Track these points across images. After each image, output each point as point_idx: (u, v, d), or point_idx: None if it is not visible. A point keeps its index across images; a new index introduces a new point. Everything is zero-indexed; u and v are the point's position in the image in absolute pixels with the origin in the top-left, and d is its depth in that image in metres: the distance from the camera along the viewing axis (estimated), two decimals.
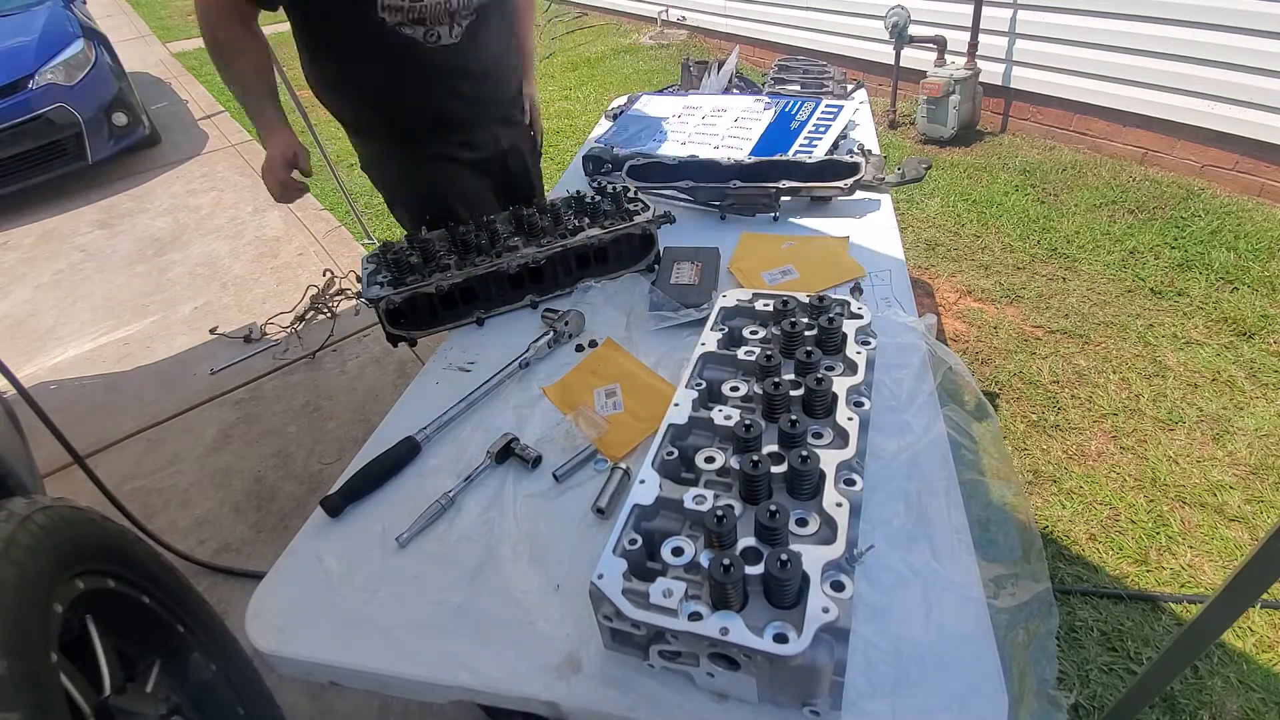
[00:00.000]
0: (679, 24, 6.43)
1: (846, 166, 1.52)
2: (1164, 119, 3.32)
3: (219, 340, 2.96)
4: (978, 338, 2.47)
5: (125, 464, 2.37)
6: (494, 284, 1.27)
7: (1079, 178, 3.41)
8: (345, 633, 0.79)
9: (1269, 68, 2.88)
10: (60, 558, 0.90)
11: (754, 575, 0.65)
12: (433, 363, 1.21)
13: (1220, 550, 1.70)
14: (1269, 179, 3.05)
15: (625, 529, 0.72)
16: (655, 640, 0.66)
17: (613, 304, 1.29)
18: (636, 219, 1.30)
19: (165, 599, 1.11)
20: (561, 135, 4.60)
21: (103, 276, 3.59)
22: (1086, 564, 1.70)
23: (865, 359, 0.91)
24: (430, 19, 1.35)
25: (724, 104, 2.01)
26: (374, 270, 1.26)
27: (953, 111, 3.77)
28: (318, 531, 0.92)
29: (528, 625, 0.78)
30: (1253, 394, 2.10)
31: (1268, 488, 1.82)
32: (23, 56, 4.27)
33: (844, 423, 0.81)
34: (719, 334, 0.99)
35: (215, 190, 4.41)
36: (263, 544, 2.02)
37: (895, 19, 3.79)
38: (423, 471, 0.99)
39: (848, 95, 2.09)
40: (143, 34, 9.05)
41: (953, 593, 0.75)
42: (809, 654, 0.59)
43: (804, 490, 0.74)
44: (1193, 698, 1.42)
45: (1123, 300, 2.55)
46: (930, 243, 3.04)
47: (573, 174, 1.86)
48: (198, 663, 1.14)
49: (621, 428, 1.01)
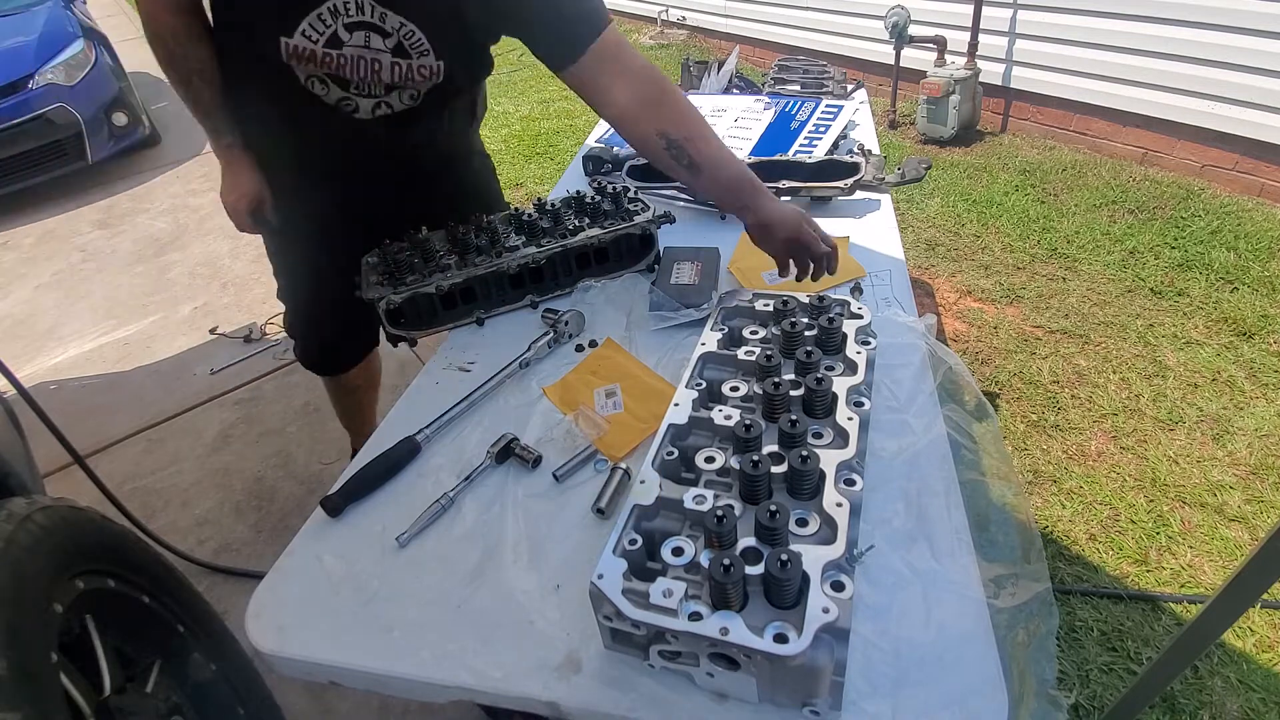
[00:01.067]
0: (679, 24, 6.43)
1: (846, 166, 1.52)
2: (1164, 119, 3.32)
3: (219, 340, 2.96)
4: (978, 338, 2.47)
5: (125, 464, 2.37)
6: (494, 284, 1.27)
7: (1079, 178, 3.41)
8: (345, 633, 0.79)
9: (1269, 68, 2.88)
10: (60, 558, 0.90)
11: (754, 575, 0.65)
12: (433, 363, 1.21)
13: (1220, 550, 1.70)
14: (1269, 179, 3.05)
15: (625, 529, 0.72)
16: (655, 640, 0.66)
17: (613, 304, 1.29)
18: (636, 219, 1.30)
19: (165, 599, 1.11)
20: (561, 135, 4.60)
21: (103, 276, 3.59)
22: (1086, 564, 1.70)
23: (865, 359, 0.91)
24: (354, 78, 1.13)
25: (724, 104, 2.01)
26: (373, 270, 1.26)
27: (953, 111, 3.77)
28: (318, 531, 0.92)
29: (528, 625, 0.78)
30: (1253, 394, 2.10)
31: (1268, 488, 1.82)
32: (23, 56, 4.27)
33: (844, 423, 0.81)
34: (719, 334, 0.99)
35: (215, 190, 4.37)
36: (263, 544, 2.02)
37: (895, 19, 3.79)
38: (423, 471, 0.99)
39: (848, 95, 2.09)
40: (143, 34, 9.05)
41: (953, 593, 0.75)
42: (809, 654, 0.59)
43: (804, 490, 0.74)
44: (1193, 698, 1.42)
45: (1123, 300, 2.56)
46: (930, 243, 3.04)
47: (573, 174, 1.86)
48: (198, 663, 1.14)
49: (621, 428, 1.01)
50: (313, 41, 1.08)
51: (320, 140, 1.25)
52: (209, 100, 1.24)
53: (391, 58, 1.13)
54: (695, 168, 1.11)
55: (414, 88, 1.18)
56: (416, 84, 1.17)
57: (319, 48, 1.09)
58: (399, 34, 1.11)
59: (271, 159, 1.33)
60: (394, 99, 1.19)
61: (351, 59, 1.11)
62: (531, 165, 4.27)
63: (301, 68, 1.12)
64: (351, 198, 1.36)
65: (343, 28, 1.08)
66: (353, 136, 1.22)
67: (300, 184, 1.35)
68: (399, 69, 1.14)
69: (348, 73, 1.12)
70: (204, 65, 1.20)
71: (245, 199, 1.33)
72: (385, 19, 1.09)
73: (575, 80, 1.12)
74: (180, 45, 1.18)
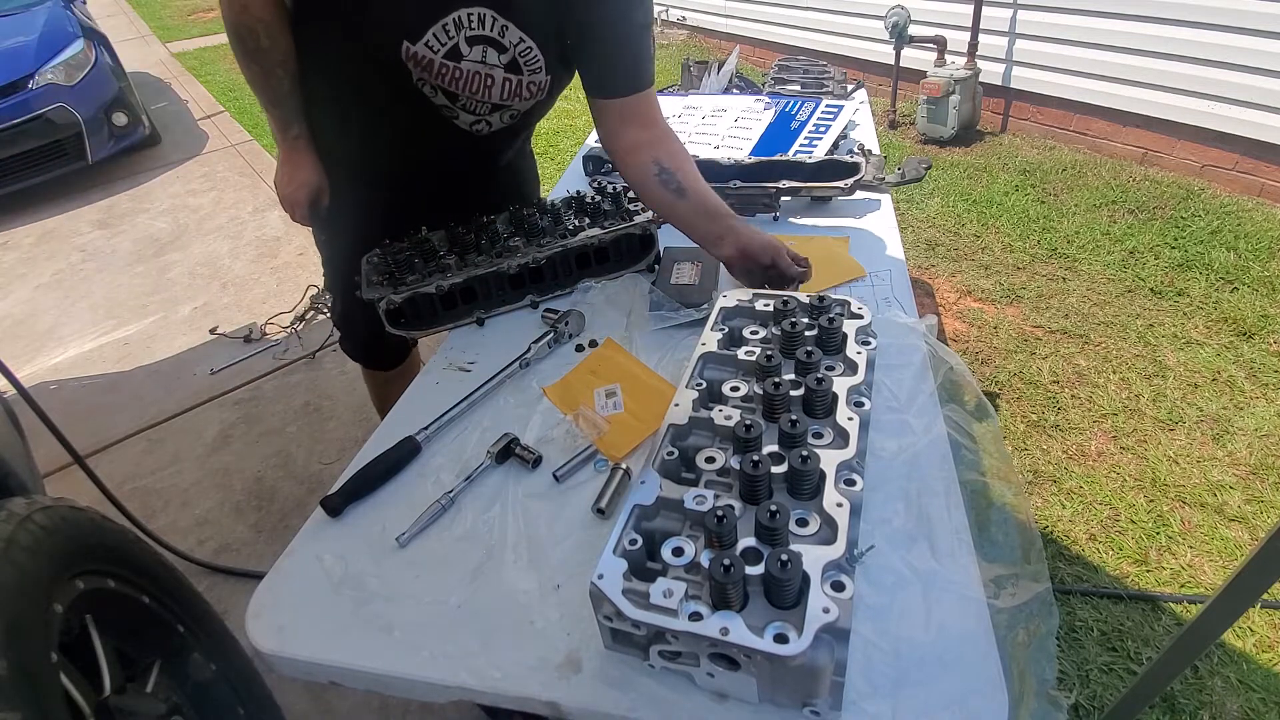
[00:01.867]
0: (679, 24, 6.43)
1: (846, 166, 1.52)
2: (1164, 119, 3.32)
3: (219, 340, 2.96)
4: (978, 338, 2.47)
5: (126, 464, 2.37)
6: (494, 284, 1.27)
7: (1079, 178, 3.41)
8: (345, 633, 0.79)
9: (1269, 68, 2.88)
10: (60, 558, 0.90)
11: (754, 575, 0.65)
12: (433, 363, 1.21)
13: (1220, 550, 1.70)
14: (1269, 179, 3.05)
15: (625, 529, 0.72)
16: (655, 640, 0.66)
17: (613, 304, 1.29)
18: (636, 219, 1.30)
19: (165, 599, 1.11)
20: (561, 135, 4.60)
21: (103, 276, 3.59)
22: (1086, 564, 1.70)
23: (865, 359, 0.91)
24: (464, 93, 1.16)
25: (724, 104, 2.01)
26: (374, 270, 1.26)
27: (953, 111, 3.77)
28: (318, 531, 0.92)
29: (528, 625, 0.78)
30: (1253, 394, 2.10)
31: (1268, 488, 1.82)
32: (23, 56, 4.27)
33: (844, 423, 0.81)
34: (719, 334, 0.99)
35: (215, 190, 4.41)
36: (263, 544, 2.02)
37: (895, 19, 3.79)
38: (423, 471, 0.99)
39: (848, 95, 2.09)
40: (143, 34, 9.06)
41: (953, 593, 0.75)
42: (809, 654, 0.59)
43: (804, 490, 0.74)
44: (1193, 698, 1.42)
45: (1123, 300, 2.56)
46: (930, 243, 3.04)
47: (573, 174, 1.86)
48: (198, 663, 1.14)
49: (621, 428, 1.01)
50: (434, 51, 1.10)
51: (405, 139, 1.27)
52: (287, 91, 1.24)
53: (504, 73, 1.16)
54: (682, 191, 1.20)
55: (517, 107, 1.23)
56: (524, 100, 1.22)
57: (438, 58, 1.11)
58: (515, 50, 1.14)
59: (343, 153, 1.33)
60: (495, 118, 1.24)
61: (467, 74, 1.14)
62: None
63: (417, 72, 1.13)
64: (414, 197, 1.38)
65: (464, 40, 1.11)
66: (444, 140, 1.25)
67: (367, 179, 1.36)
68: (510, 85, 1.18)
69: (460, 87, 1.15)
70: (287, 56, 1.20)
71: (305, 189, 1.32)
72: (505, 33, 1.12)
73: (602, 109, 1.22)
74: (270, 38, 1.17)
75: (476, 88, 1.16)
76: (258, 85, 1.23)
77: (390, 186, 1.37)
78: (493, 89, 1.18)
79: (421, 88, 1.16)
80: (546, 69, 1.19)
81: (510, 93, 1.19)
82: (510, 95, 1.20)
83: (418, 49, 1.09)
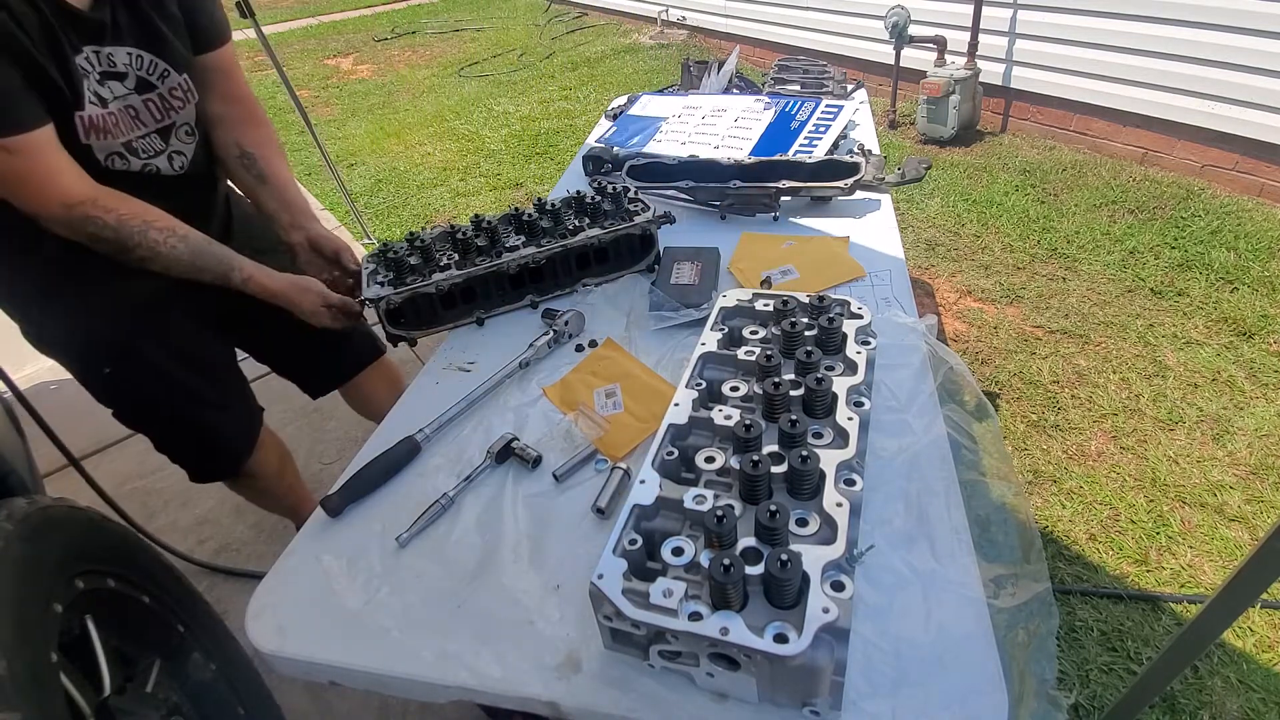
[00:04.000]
0: (679, 24, 6.43)
1: (846, 166, 1.52)
2: (1164, 119, 3.32)
3: None
4: (978, 338, 2.47)
5: (126, 464, 2.37)
6: (494, 284, 1.27)
7: (1079, 178, 3.41)
8: (345, 632, 0.79)
9: (1269, 68, 2.88)
10: (60, 558, 0.90)
11: (754, 575, 0.65)
12: (433, 363, 1.21)
13: (1220, 550, 1.70)
14: (1269, 179, 3.05)
15: (625, 529, 0.72)
16: (655, 640, 0.66)
17: (613, 304, 1.29)
18: (636, 219, 1.30)
19: (165, 599, 1.11)
20: (561, 135, 4.60)
21: None
22: (1086, 564, 1.70)
23: (865, 359, 0.91)
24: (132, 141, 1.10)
25: (724, 104, 2.01)
26: (374, 270, 1.26)
27: (953, 111, 3.77)
28: (318, 531, 0.92)
29: (528, 625, 0.78)
30: (1253, 394, 2.10)
31: (1268, 488, 1.82)
32: None
33: (844, 423, 0.81)
34: (719, 334, 0.99)
35: None
36: (263, 544, 2.02)
37: (895, 19, 3.79)
38: (423, 471, 0.99)
39: (848, 95, 2.09)
40: None
41: (953, 593, 0.75)
42: (809, 654, 0.59)
43: (804, 490, 0.74)
44: (1193, 698, 1.42)
45: (1123, 300, 2.55)
46: (930, 243, 3.04)
47: (573, 174, 1.86)
48: (198, 663, 1.14)
49: (621, 428, 1.01)
50: (99, 105, 1.05)
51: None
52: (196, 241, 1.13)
53: (140, 96, 1.11)
54: (263, 178, 1.28)
55: (181, 119, 1.19)
56: (177, 109, 1.17)
57: (103, 111, 1.05)
58: (133, 69, 1.09)
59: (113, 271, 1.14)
60: (175, 141, 1.19)
61: (119, 115, 1.08)
62: (531, 165, 4.27)
63: (100, 146, 1.06)
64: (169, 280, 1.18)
65: (96, 83, 1.04)
66: (164, 197, 1.14)
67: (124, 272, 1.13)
68: (153, 105, 1.13)
69: (125, 130, 1.09)
70: (158, 215, 1.10)
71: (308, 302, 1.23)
72: (113, 58, 1.06)
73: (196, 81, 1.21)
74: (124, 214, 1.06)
75: (130, 126, 1.10)
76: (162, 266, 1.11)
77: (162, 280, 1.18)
78: (140, 116, 1.11)
79: (113, 165, 1.09)
80: (177, 69, 1.15)
81: (160, 110, 1.14)
82: (161, 112, 1.14)
83: (88, 112, 1.03)
